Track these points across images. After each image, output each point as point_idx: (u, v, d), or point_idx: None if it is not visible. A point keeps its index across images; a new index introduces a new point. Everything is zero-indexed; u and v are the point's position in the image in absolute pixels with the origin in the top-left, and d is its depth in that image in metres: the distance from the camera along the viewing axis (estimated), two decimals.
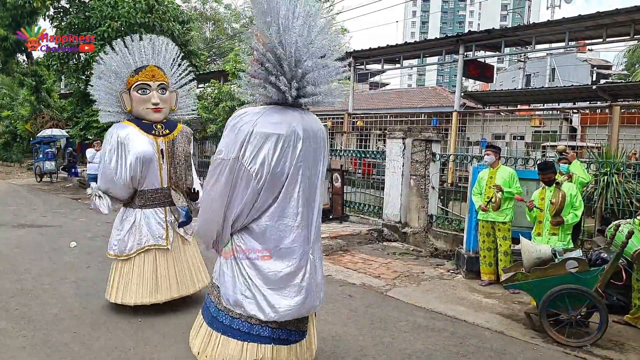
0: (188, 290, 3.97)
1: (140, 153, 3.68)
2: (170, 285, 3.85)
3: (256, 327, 2.33)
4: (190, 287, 3.99)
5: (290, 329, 2.41)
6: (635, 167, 5.82)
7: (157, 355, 3.17)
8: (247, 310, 2.31)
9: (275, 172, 2.24)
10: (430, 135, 7.38)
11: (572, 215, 4.32)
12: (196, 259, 4.12)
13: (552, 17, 15.79)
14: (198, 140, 13.71)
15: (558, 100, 14.98)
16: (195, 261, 4.10)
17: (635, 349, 3.62)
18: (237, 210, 2.31)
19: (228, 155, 2.27)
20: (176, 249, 3.95)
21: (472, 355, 3.40)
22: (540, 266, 3.86)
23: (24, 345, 3.25)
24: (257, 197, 2.28)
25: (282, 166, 2.25)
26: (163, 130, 3.87)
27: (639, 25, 8.39)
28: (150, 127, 3.83)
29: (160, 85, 3.85)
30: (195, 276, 4.05)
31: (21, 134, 22.70)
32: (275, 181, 2.26)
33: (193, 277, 4.03)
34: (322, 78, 2.35)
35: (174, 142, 3.88)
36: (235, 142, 2.24)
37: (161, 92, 3.86)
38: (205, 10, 30.61)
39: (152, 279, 3.79)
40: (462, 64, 10.47)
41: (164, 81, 3.89)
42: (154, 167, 3.79)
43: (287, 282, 2.33)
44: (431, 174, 7.25)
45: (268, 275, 2.32)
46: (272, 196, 2.30)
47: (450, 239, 6.80)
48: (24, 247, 6.30)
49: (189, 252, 4.06)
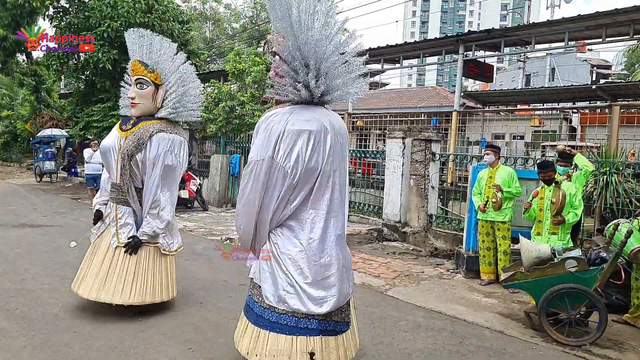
0: (146, 299, 3.68)
1: (101, 146, 3.86)
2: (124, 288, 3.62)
3: (303, 320, 2.40)
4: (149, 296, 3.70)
5: (336, 320, 2.49)
6: (634, 166, 5.83)
7: (157, 356, 3.18)
8: (291, 305, 2.39)
9: (309, 167, 2.35)
10: (430, 135, 7.39)
11: (572, 214, 4.33)
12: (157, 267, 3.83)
13: (551, 17, 15.81)
14: (198, 140, 13.70)
15: (558, 100, 14.98)
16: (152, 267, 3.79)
17: (634, 348, 3.63)
18: (274, 207, 2.41)
19: (262, 155, 2.37)
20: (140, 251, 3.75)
21: (471, 355, 3.41)
22: (540, 265, 3.87)
23: (25, 345, 3.25)
24: (292, 192, 2.39)
25: (315, 161, 2.37)
26: (131, 125, 3.80)
27: (638, 25, 8.39)
28: (126, 122, 3.86)
29: (137, 80, 3.77)
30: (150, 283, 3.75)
31: (21, 134, 22.70)
32: (310, 176, 2.38)
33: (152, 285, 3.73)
34: (344, 75, 2.47)
35: (126, 138, 3.75)
36: (268, 142, 2.35)
37: (138, 87, 3.78)
38: (205, 10, 30.61)
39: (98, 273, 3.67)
40: (462, 63, 10.48)
41: (143, 75, 3.78)
42: (112, 160, 3.78)
43: (324, 274, 2.42)
44: (431, 174, 7.26)
45: (307, 268, 2.40)
46: (307, 191, 2.41)
47: (450, 238, 6.81)
48: (24, 247, 6.31)
49: (152, 256, 3.80)
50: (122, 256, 3.71)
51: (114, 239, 3.75)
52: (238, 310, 4.13)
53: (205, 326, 3.73)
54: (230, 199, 11.74)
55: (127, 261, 3.71)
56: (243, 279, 5.22)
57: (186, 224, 8.93)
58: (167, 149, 3.76)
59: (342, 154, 2.55)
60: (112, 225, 3.79)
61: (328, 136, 2.41)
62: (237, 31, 29.88)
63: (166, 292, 3.87)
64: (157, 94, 3.85)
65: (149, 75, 3.79)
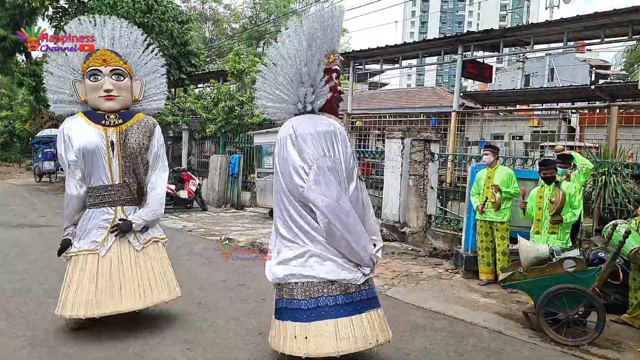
0: (145, 303, 3.44)
1: (82, 145, 3.33)
2: (113, 296, 3.33)
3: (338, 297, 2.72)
4: (148, 298, 3.46)
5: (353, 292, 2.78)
6: (633, 167, 5.84)
7: (156, 356, 3.18)
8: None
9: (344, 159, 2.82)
10: (429, 135, 7.39)
11: (571, 214, 4.34)
12: (159, 267, 3.64)
13: (550, 18, 15.84)
14: (197, 140, 13.71)
15: (557, 100, 15.01)
16: (159, 269, 3.62)
17: (632, 348, 3.64)
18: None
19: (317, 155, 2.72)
20: (127, 258, 3.46)
21: (469, 355, 3.42)
22: (538, 266, 3.88)
23: (24, 345, 3.26)
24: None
25: (343, 155, 2.81)
26: (116, 120, 3.47)
27: (637, 25, 8.40)
28: (101, 117, 3.46)
29: (114, 70, 3.44)
30: (158, 285, 3.56)
31: (20, 134, 22.69)
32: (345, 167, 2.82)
33: (153, 287, 3.52)
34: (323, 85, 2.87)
35: (126, 132, 3.47)
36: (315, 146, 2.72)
37: (116, 79, 3.46)
38: (205, 11, 30.59)
39: (89, 288, 3.32)
40: (461, 64, 10.48)
41: (119, 66, 3.47)
42: (101, 160, 3.40)
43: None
44: (430, 174, 7.27)
45: None
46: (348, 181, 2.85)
47: (448, 238, 6.81)
48: (23, 247, 6.31)
49: (146, 260, 3.56)
50: (142, 257, 3.53)
51: (135, 242, 3.51)
52: (236, 311, 4.15)
53: (204, 326, 3.74)
54: (229, 199, 11.74)
55: (156, 257, 3.60)
56: (242, 279, 5.23)
57: (185, 224, 8.94)
58: (163, 139, 3.79)
59: (348, 149, 2.90)
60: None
61: (342, 133, 2.84)
62: (236, 31, 29.87)
63: (177, 286, 3.75)
64: (132, 86, 3.61)
65: (124, 66, 3.53)
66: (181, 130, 13.90)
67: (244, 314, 4.06)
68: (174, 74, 13.72)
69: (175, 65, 13.72)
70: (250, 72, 11.61)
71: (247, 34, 27.93)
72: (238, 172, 11.53)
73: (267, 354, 3.29)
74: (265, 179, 9.87)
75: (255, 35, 27.71)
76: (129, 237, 3.51)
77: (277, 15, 27.21)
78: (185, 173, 11.26)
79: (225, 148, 12.48)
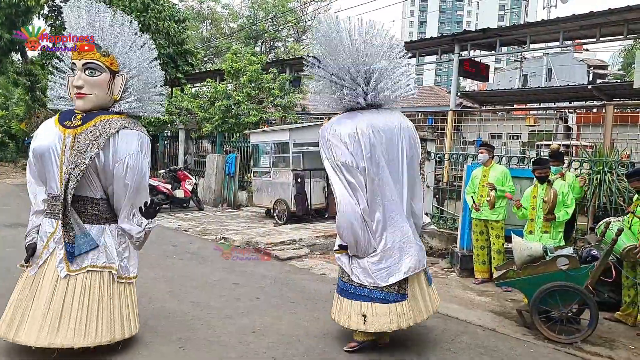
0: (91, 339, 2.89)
1: (35, 146, 3.00)
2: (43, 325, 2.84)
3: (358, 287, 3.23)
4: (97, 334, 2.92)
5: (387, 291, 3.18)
6: (628, 166, 5.85)
7: (149, 354, 3.17)
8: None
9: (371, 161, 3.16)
10: (426, 134, 7.40)
11: (563, 212, 4.34)
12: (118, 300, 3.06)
13: (548, 17, 15.85)
14: (194, 139, 13.68)
15: (554, 99, 15.03)
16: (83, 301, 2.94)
17: (625, 345, 3.65)
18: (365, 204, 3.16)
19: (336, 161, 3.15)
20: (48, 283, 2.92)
21: (463, 352, 3.42)
22: (532, 264, 3.88)
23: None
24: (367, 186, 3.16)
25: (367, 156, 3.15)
26: (77, 121, 3.00)
27: (632, 24, 8.42)
28: (68, 117, 3.04)
29: (87, 64, 2.96)
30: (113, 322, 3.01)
31: (16, 134, 22.62)
32: (371, 168, 3.17)
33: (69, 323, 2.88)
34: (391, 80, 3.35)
35: (76, 137, 2.95)
36: (333, 148, 3.17)
37: (89, 74, 2.98)
38: (203, 10, 30.54)
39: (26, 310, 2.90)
40: (457, 63, 10.49)
41: (94, 59, 2.99)
42: (51, 165, 2.97)
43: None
44: (426, 173, 7.26)
45: None
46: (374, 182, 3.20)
47: (444, 237, 6.81)
48: (18, 246, 6.27)
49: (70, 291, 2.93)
50: (77, 286, 2.93)
51: (61, 266, 2.92)
52: (230, 309, 4.14)
53: (198, 325, 3.73)
54: (226, 198, 11.72)
55: (86, 291, 2.94)
56: (236, 278, 5.22)
57: (181, 223, 8.92)
58: (138, 149, 3.04)
59: (393, 146, 3.27)
60: (57, 248, 2.95)
61: (370, 135, 3.16)
62: (234, 30, 29.83)
63: (133, 325, 3.18)
64: (113, 83, 3.09)
65: (102, 60, 3.02)
66: (177, 129, 13.88)
67: (238, 313, 4.05)
68: (170, 73, 13.71)
69: (172, 64, 13.70)
70: (247, 71, 11.58)
71: (244, 33, 27.89)
72: (234, 171, 11.51)
73: (260, 352, 3.29)
74: (261, 179, 9.86)
75: (253, 35, 27.67)
76: (58, 258, 2.94)
77: (275, 14, 27.18)
78: (181, 172, 11.24)
79: (222, 147, 12.45)
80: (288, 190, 8.89)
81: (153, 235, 3.93)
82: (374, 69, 3.28)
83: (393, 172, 3.29)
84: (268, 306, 4.27)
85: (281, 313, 4.09)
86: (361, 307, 3.18)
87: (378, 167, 3.20)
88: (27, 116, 21.03)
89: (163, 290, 4.60)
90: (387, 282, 3.16)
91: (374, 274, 3.17)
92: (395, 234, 3.24)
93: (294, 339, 3.52)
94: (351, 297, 3.24)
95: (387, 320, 3.14)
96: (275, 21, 27.20)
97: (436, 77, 61.37)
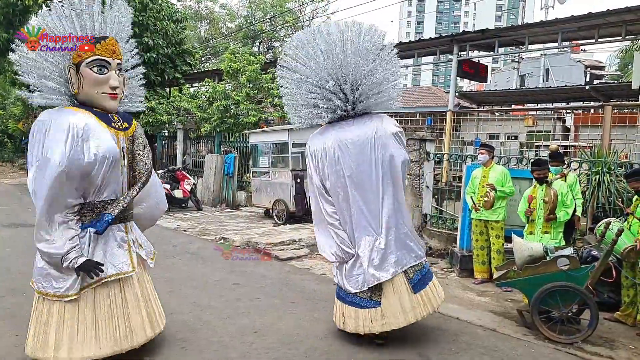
0: (159, 327, 3.11)
1: (110, 151, 2.75)
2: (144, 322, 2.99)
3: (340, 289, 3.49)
4: (160, 322, 3.14)
5: (360, 296, 3.34)
6: (626, 166, 5.87)
7: (151, 354, 3.16)
8: None
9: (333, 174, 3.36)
10: (425, 135, 7.40)
11: (564, 213, 4.36)
12: (153, 289, 3.25)
13: (545, 18, 15.91)
14: (192, 139, 13.66)
15: (552, 100, 15.09)
16: (153, 291, 3.24)
17: (625, 345, 3.66)
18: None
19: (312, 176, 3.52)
20: (141, 276, 3.10)
21: (464, 352, 3.42)
22: (532, 264, 3.89)
23: (17, 343, 3.23)
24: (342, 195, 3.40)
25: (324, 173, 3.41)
26: (121, 123, 2.97)
27: (630, 25, 8.47)
28: (107, 117, 2.90)
29: (119, 65, 2.95)
30: (158, 309, 3.21)
31: (13, 134, 22.53)
32: (336, 181, 3.37)
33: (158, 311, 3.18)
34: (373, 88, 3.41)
35: (134, 138, 3.02)
36: (310, 165, 3.51)
37: (119, 74, 2.97)
38: (201, 10, 30.49)
39: (120, 319, 2.87)
40: (456, 63, 10.52)
41: (121, 61, 3.00)
42: (119, 169, 2.89)
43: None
44: (425, 173, 7.28)
45: None
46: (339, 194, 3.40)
47: (444, 237, 6.82)
48: (16, 246, 6.26)
49: (148, 279, 3.21)
50: (146, 278, 3.16)
51: (149, 260, 3.18)
52: (231, 309, 4.14)
53: (199, 325, 3.72)
54: (225, 198, 11.71)
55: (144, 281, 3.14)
56: (236, 278, 5.22)
57: (180, 223, 8.90)
58: None
59: (364, 157, 3.31)
60: (133, 247, 3.03)
61: (336, 150, 3.32)
62: (232, 30, 29.80)
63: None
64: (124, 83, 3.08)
65: (122, 59, 3.03)
66: (176, 129, 13.86)
67: (238, 313, 4.05)
68: (169, 73, 13.67)
69: (170, 64, 13.67)
70: (246, 71, 11.57)
71: (242, 33, 27.87)
72: (233, 171, 11.50)
73: (261, 352, 3.29)
74: (260, 179, 9.86)
75: (250, 35, 27.66)
76: (142, 252, 3.11)
77: (273, 14, 27.16)
78: (180, 172, 11.22)
79: (221, 147, 12.44)
80: (287, 190, 8.89)
81: (152, 236, 3.93)
82: (360, 76, 3.34)
83: (365, 183, 3.32)
84: (268, 306, 4.27)
85: (282, 313, 4.09)
86: (341, 308, 3.47)
87: (345, 179, 3.33)
88: (24, 116, 20.94)
89: (163, 291, 4.56)
90: (358, 289, 3.34)
91: (348, 279, 3.38)
92: (366, 243, 3.35)
93: (295, 339, 3.52)
94: (338, 297, 3.54)
95: (359, 323, 3.34)
96: (273, 21, 27.17)
97: (433, 77, 61.51)
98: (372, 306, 3.30)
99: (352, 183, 3.31)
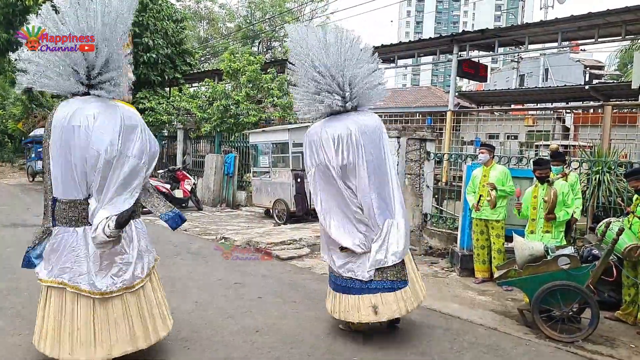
0: (158, 334, 3.04)
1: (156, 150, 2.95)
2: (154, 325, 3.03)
3: (365, 282, 3.37)
4: (161, 330, 3.06)
5: (392, 279, 3.38)
6: (626, 166, 5.89)
7: (154, 354, 3.17)
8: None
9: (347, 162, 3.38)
10: (425, 134, 7.41)
11: (564, 212, 4.38)
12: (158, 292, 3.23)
13: (545, 18, 15.93)
14: (192, 139, 13.67)
15: (551, 100, 15.11)
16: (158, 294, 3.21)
17: (625, 344, 3.68)
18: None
19: (314, 163, 3.50)
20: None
21: (465, 351, 3.44)
22: (533, 263, 3.90)
23: (20, 343, 3.24)
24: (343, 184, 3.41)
25: (349, 158, 3.37)
26: None
27: (630, 25, 8.49)
28: None
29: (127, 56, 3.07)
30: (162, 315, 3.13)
31: (13, 134, 22.51)
32: (361, 165, 3.38)
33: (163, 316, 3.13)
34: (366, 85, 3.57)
35: None
36: (314, 152, 3.49)
37: None
38: (200, 10, 30.48)
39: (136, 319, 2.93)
40: (456, 63, 10.54)
41: None
42: None
43: None
44: (426, 173, 7.29)
45: None
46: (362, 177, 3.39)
47: (444, 237, 6.83)
48: (17, 246, 6.25)
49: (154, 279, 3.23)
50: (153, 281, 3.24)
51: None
52: (233, 309, 4.15)
53: (201, 325, 3.73)
54: (225, 198, 11.71)
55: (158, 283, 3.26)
56: (237, 278, 5.22)
57: None
58: None
59: (377, 145, 3.47)
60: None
61: (356, 136, 3.37)
62: (231, 30, 29.79)
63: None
64: None
65: None
66: (176, 129, 13.86)
67: (241, 313, 4.06)
68: (169, 72, 13.67)
69: (170, 64, 13.67)
70: (246, 71, 11.58)
71: (242, 33, 27.86)
72: (233, 171, 11.50)
73: (263, 351, 3.30)
74: (261, 179, 9.86)
75: (250, 35, 27.66)
76: None
77: (273, 14, 27.16)
78: (180, 172, 11.22)
79: (221, 147, 12.44)
80: (287, 190, 8.90)
81: (153, 235, 3.94)
82: (355, 74, 3.51)
83: (382, 168, 3.50)
84: (270, 306, 4.28)
85: (284, 312, 4.10)
86: (369, 300, 3.37)
87: (367, 164, 3.41)
88: (24, 116, 20.92)
89: (165, 290, 4.58)
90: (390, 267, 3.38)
91: (377, 262, 3.38)
92: (388, 225, 3.47)
93: (297, 338, 3.53)
94: (360, 291, 3.40)
95: (400, 305, 3.39)
96: (272, 21, 27.17)
97: (433, 77, 61.53)
98: (403, 286, 3.42)
99: (372, 168, 3.42)
